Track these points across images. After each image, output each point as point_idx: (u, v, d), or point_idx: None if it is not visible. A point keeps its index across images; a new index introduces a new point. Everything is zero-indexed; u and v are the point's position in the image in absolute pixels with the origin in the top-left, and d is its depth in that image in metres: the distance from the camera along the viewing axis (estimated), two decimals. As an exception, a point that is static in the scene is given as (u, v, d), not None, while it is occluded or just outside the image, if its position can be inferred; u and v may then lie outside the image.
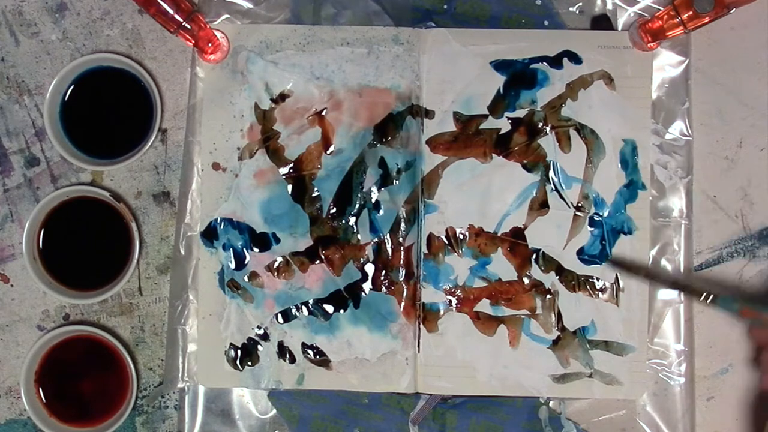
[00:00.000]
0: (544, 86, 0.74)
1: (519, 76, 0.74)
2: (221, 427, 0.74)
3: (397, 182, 0.74)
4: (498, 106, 0.74)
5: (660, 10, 0.73)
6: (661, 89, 0.74)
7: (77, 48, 0.76)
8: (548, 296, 0.73)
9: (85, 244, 0.74)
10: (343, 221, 0.74)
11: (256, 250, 0.74)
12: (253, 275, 0.74)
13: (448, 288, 0.74)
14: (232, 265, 0.74)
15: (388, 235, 0.73)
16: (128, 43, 0.76)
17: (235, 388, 0.74)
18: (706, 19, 0.70)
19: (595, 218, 0.73)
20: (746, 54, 0.75)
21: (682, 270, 0.74)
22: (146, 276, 0.75)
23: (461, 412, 0.73)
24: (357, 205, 0.74)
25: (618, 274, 0.73)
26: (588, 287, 0.73)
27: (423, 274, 0.73)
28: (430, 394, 0.74)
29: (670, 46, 0.74)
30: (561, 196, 0.73)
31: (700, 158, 0.75)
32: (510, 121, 0.74)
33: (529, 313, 0.73)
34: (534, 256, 0.73)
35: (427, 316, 0.73)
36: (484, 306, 0.73)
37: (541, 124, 0.74)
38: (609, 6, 0.75)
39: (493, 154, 0.74)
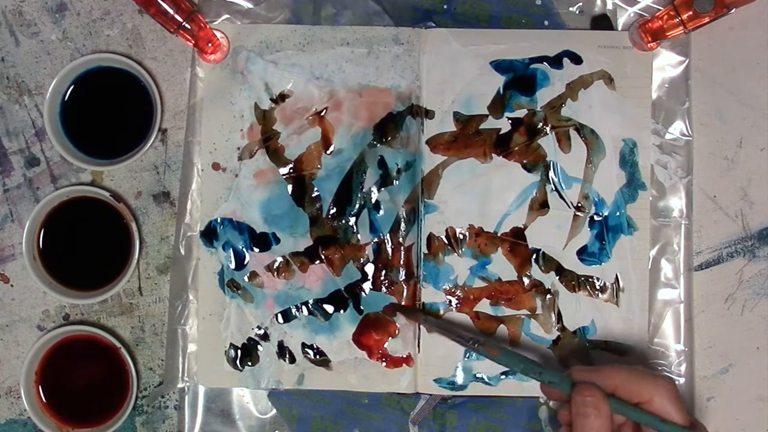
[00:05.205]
0: (544, 86, 0.74)
1: (519, 77, 0.74)
2: (221, 427, 0.74)
3: (397, 182, 0.74)
4: (498, 106, 0.74)
5: (660, 10, 0.73)
6: (661, 89, 0.74)
7: (77, 48, 0.76)
8: (548, 296, 0.73)
9: (85, 244, 0.74)
10: (343, 221, 0.74)
11: (256, 250, 0.74)
12: (253, 275, 0.74)
13: (448, 288, 0.73)
14: (232, 265, 0.74)
15: (388, 235, 0.73)
16: (128, 43, 0.75)
17: (235, 388, 0.74)
18: (706, 19, 0.70)
19: (595, 218, 0.73)
20: (746, 54, 0.75)
21: (682, 270, 0.74)
22: (146, 276, 0.75)
23: (461, 412, 0.73)
24: (357, 205, 0.74)
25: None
26: (588, 287, 0.73)
27: (423, 274, 0.73)
28: (430, 394, 0.74)
29: (670, 46, 0.74)
30: (561, 196, 0.73)
31: (700, 158, 0.75)
32: (510, 121, 0.74)
33: (529, 313, 0.73)
34: (534, 256, 0.73)
35: (427, 316, 0.73)
36: (484, 306, 0.73)
37: (541, 124, 0.74)
38: (609, 6, 0.75)
39: (493, 154, 0.74)
